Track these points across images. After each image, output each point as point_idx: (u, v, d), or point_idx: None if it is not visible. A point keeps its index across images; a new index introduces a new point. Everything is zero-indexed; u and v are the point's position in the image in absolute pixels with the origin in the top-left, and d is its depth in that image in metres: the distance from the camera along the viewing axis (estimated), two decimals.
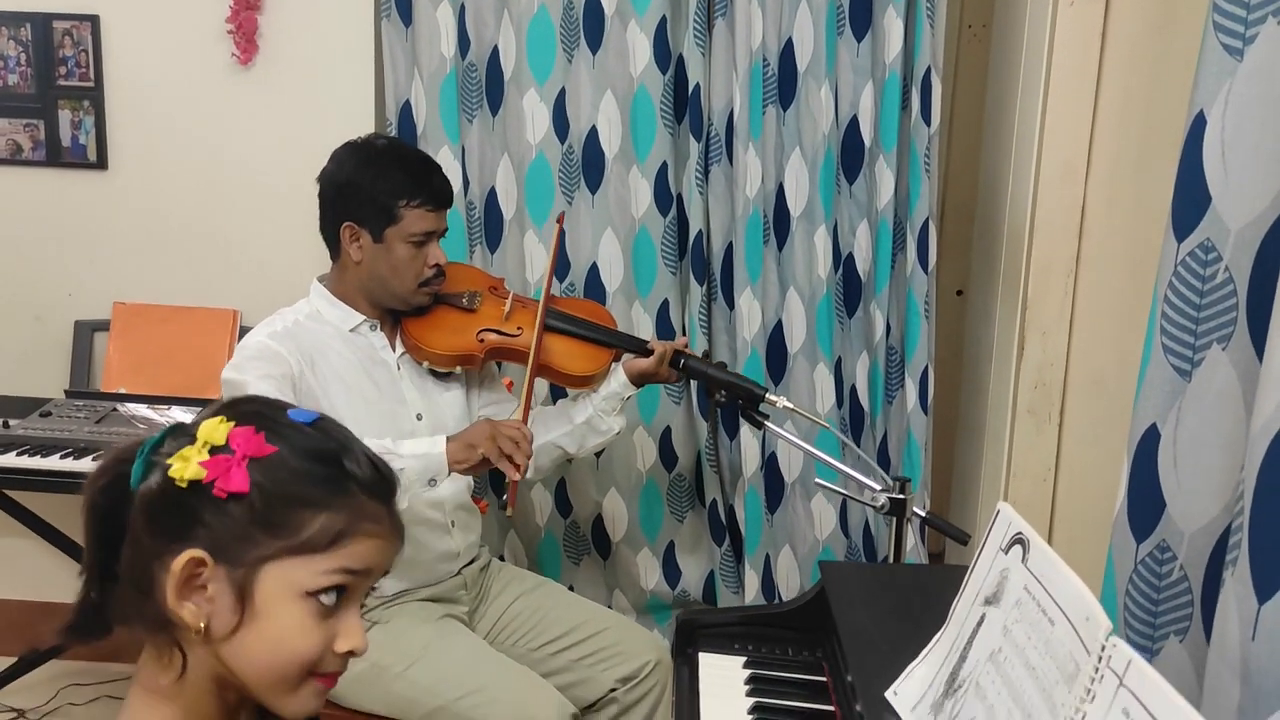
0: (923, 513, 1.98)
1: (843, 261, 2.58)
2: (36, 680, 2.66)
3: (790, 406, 2.03)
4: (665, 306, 2.56)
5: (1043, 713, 0.96)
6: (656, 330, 2.55)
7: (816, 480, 2.07)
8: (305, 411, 0.96)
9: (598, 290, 2.54)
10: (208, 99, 2.61)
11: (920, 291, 2.53)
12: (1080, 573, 1.00)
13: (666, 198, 2.51)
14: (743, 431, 2.54)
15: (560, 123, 2.49)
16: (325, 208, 1.94)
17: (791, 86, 2.46)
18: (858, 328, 2.60)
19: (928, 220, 2.50)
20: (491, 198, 2.55)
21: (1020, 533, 1.12)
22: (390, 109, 2.54)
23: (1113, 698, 0.88)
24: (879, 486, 1.91)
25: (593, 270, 2.54)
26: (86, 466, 2.21)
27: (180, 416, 0.98)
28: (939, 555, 3.07)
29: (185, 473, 0.89)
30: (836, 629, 1.41)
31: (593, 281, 2.54)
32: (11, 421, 2.42)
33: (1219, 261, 1.24)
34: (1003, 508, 1.18)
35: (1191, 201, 1.25)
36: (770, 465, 2.59)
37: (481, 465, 1.81)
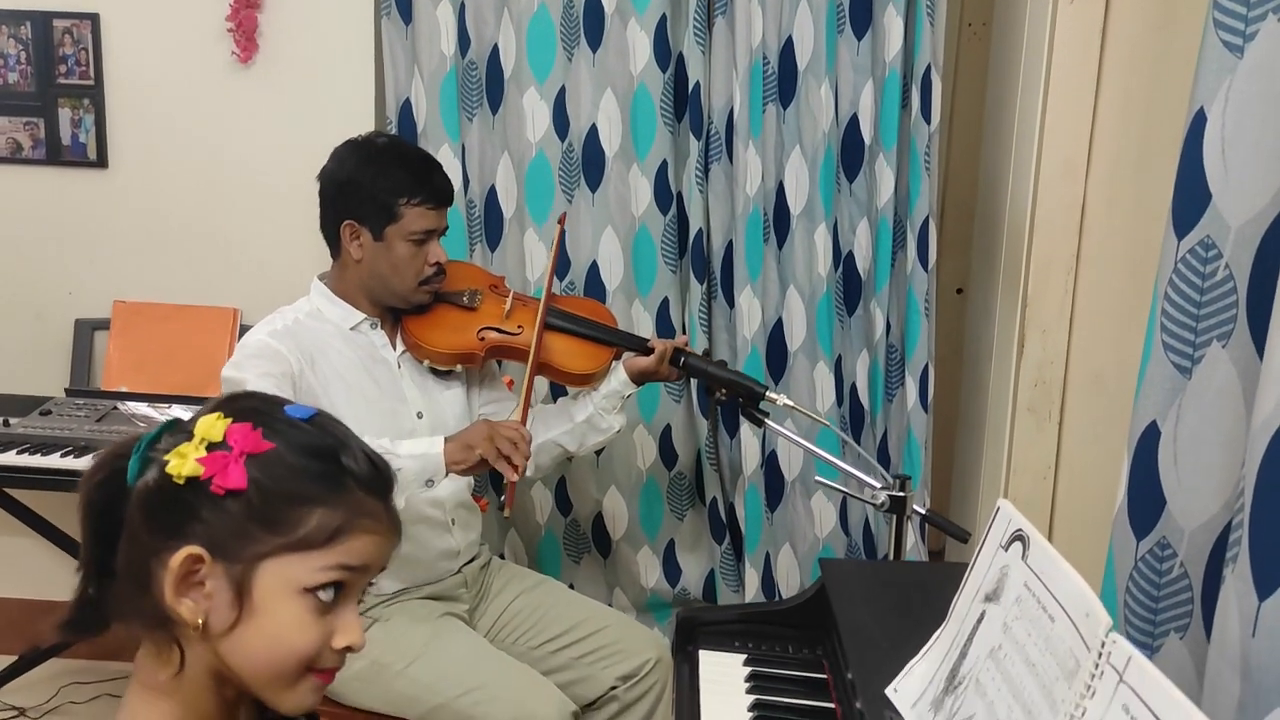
0: (923, 510, 1.97)
1: (843, 260, 2.58)
2: (37, 678, 2.66)
3: (790, 404, 2.03)
4: (665, 305, 2.56)
5: (1043, 709, 0.96)
6: (657, 329, 2.55)
7: (817, 478, 2.07)
8: (302, 408, 0.96)
9: (598, 288, 2.54)
10: (208, 97, 2.61)
11: (920, 289, 2.53)
12: (1081, 570, 1.00)
13: (666, 196, 2.51)
14: (743, 430, 2.54)
15: (560, 121, 2.49)
16: (326, 206, 1.95)
17: (791, 85, 2.46)
18: (858, 326, 2.60)
19: (928, 218, 2.50)
20: (491, 196, 2.55)
21: (1020, 529, 1.12)
22: (390, 107, 2.54)
23: (1113, 694, 0.88)
24: (879, 484, 1.91)
25: (593, 269, 2.54)
26: (87, 465, 2.20)
27: (181, 415, 0.98)
28: (939, 553, 3.07)
29: (183, 469, 0.89)
30: (837, 626, 1.41)
31: (593, 280, 2.54)
32: (12, 420, 2.42)
33: (1219, 259, 1.24)
34: (1002, 505, 1.18)
35: (1192, 199, 1.25)
36: (770, 463, 2.59)
37: (479, 466, 1.81)
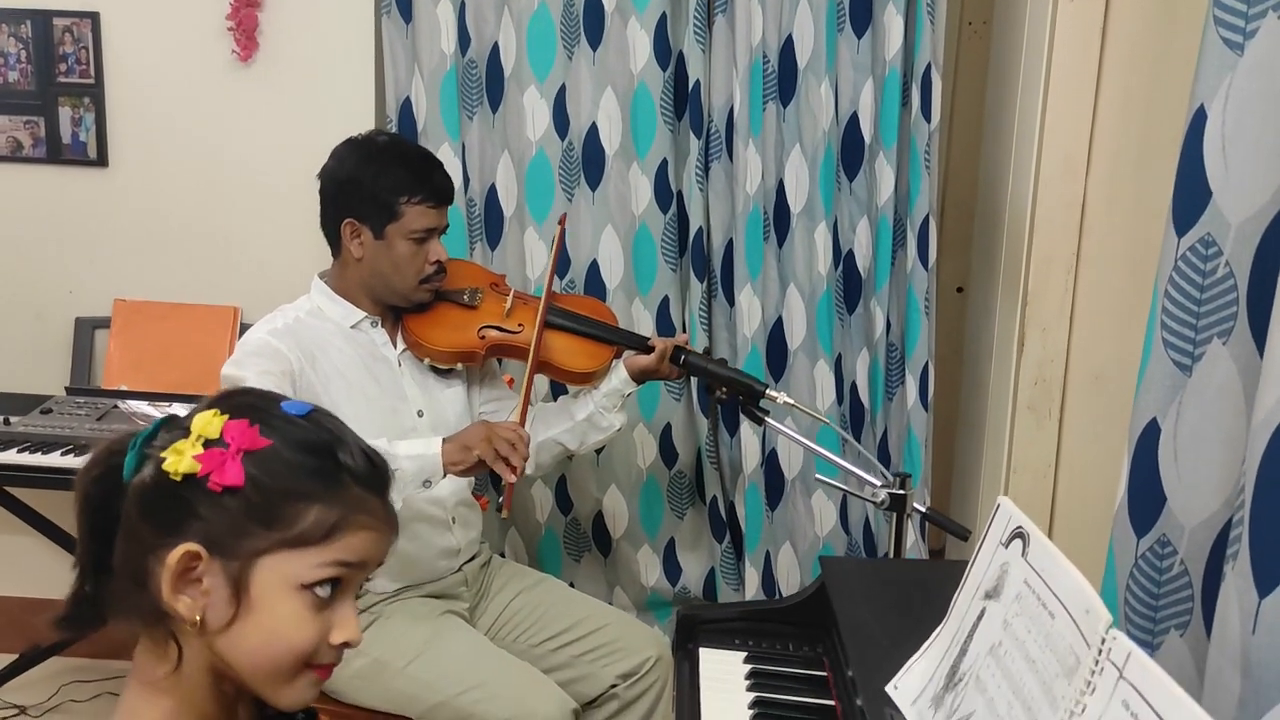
0: (923, 508, 1.97)
1: (843, 258, 2.58)
2: (38, 677, 2.66)
3: (791, 402, 2.03)
4: (665, 303, 2.56)
5: (1043, 705, 0.97)
6: (657, 327, 2.55)
7: (817, 476, 2.07)
8: (299, 404, 0.96)
9: (598, 287, 2.54)
10: (208, 96, 2.61)
11: (920, 288, 2.53)
12: (1081, 568, 1.00)
13: (667, 194, 2.51)
14: (743, 428, 2.55)
15: (560, 120, 2.49)
16: (326, 204, 1.94)
17: (792, 83, 2.46)
18: (858, 324, 2.60)
19: (928, 217, 2.50)
20: (492, 195, 2.55)
21: (1020, 527, 1.12)
22: (390, 106, 2.54)
23: (1113, 690, 0.88)
24: (879, 482, 1.91)
25: (593, 267, 2.54)
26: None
27: (181, 414, 0.98)
28: (939, 551, 3.07)
29: (179, 466, 0.89)
30: (837, 624, 1.41)
31: (593, 278, 2.54)
32: (12, 418, 2.42)
33: (1219, 256, 1.24)
34: (1003, 502, 1.18)
35: (1192, 196, 1.25)
36: (770, 462, 2.59)
37: (477, 467, 1.80)
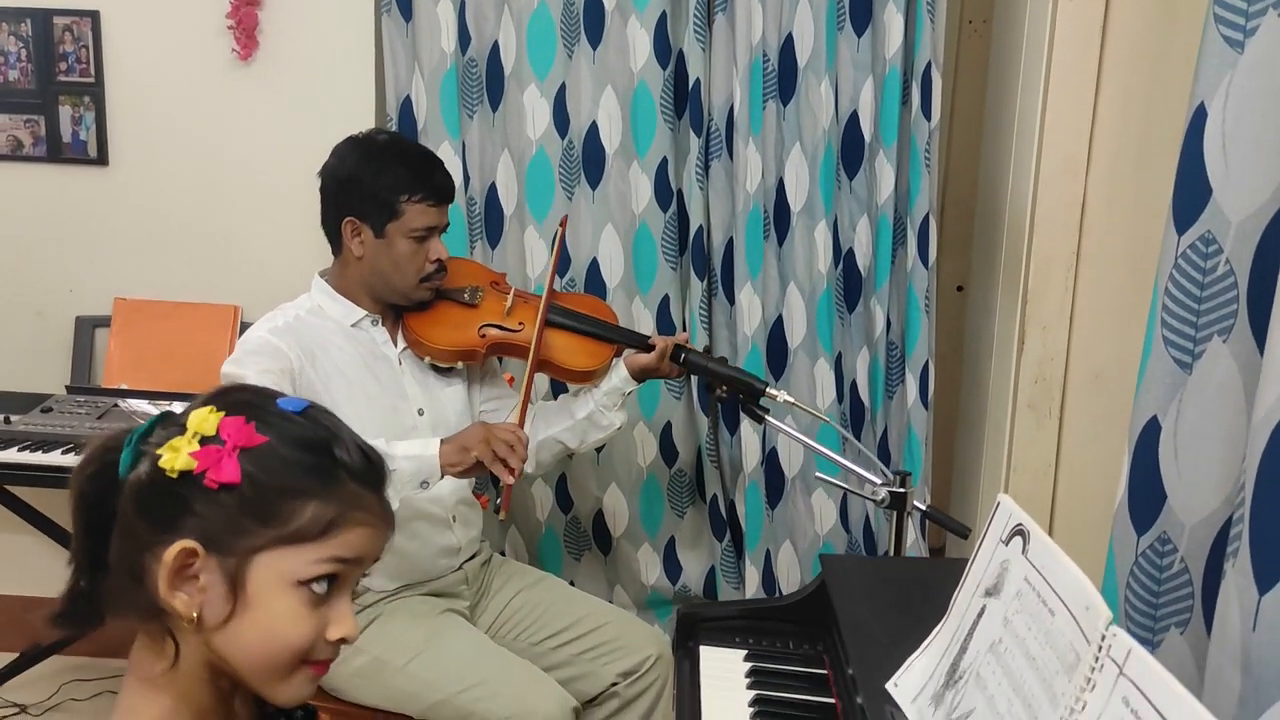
0: (923, 507, 1.96)
1: (843, 257, 2.58)
2: (39, 675, 2.66)
3: (791, 400, 2.03)
4: (666, 302, 2.56)
5: (1043, 702, 0.97)
6: (657, 325, 2.56)
7: (817, 474, 2.07)
8: (295, 400, 0.96)
9: (598, 286, 2.54)
10: (208, 95, 2.61)
11: (920, 287, 2.53)
12: (1081, 566, 1.00)
13: (667, 193, 2.51)
14: (743, 427, 2.55)
15: (560, 118, 2.49)
16: (327, 203, 1.94)
17: (792, 82, 2.46)
18: (858, 323, 2.60)
19: (928, 215, 2.51)
20: (492, 193, 2.55)
21: (1020, 524, 1.12)
22: (391, 105, 2.54)
23: (1113, 686, 0.88)
24: (879, 480, 1.91)
25: (593, 266, 2.54)
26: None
27: (177, 410, 0.98)
28: (939, 550, 3.07)
29: (175, 463, 0.89)
30: (837, 622, 1.41)
31: (593, 277, 2.54)
32: (13, 417, 2.42)
33: (1220, 254, 1.24)
34: (1003, 499, 1.18)
35: (1192, 194, 1.25)
36: (771, 460, 2.59)
37: (475, 469, 1.79)
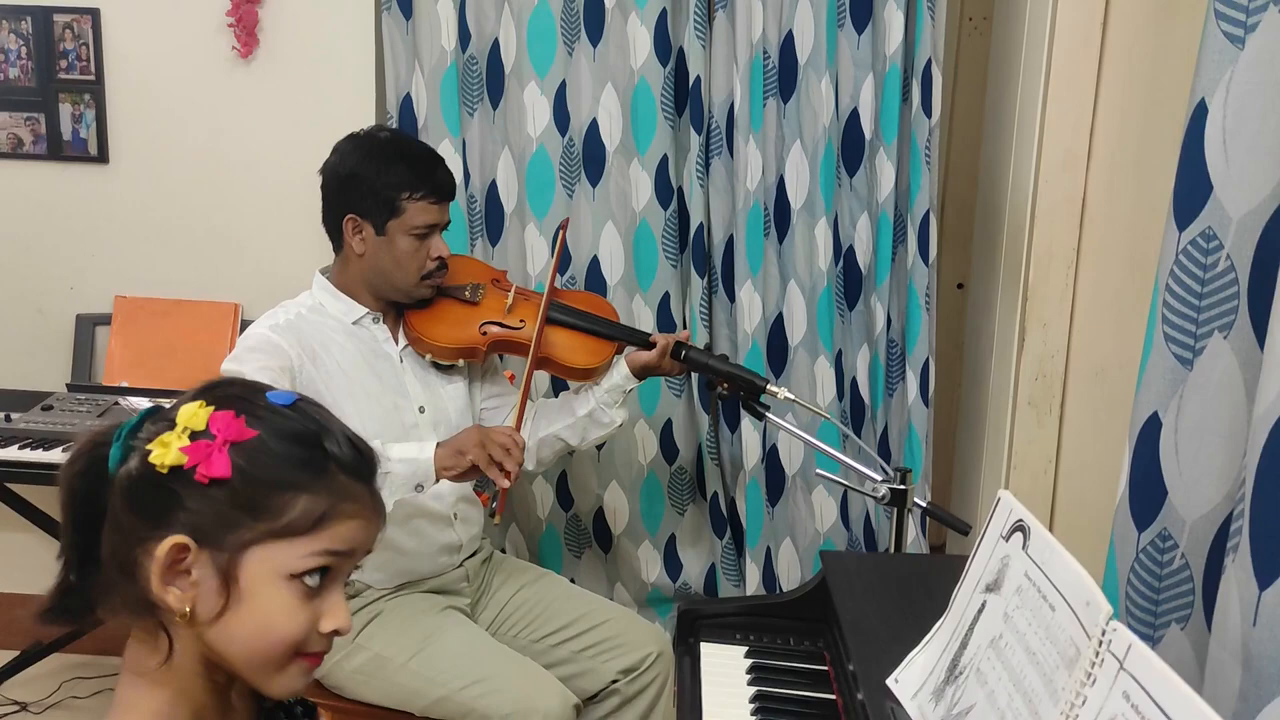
0: (924, 504, 1.96)
1: (843, 254, 2.58)
2: (39, 673, 2.66)
3: (791, 397, 2.03)
4: (666, 299, 2.56)
5: (1043, 697, 0.97)
6: (657, 323, 2.55)
7: (817, 471, 2.07)
8: (284, 393, 0.96)
9: (599, 283, 2.54)
10: (208, 92, 2.61)
11: (921, 284, 2.53)
12: (1082, 563, 1.00)
13: (667, 191, 2.51)
14: (744, 424, 2.55)
15: (561, 116, 2.49)
16: (328, 200, 1.94)
17: (792, 79, 2.46)
18: (858, 320, 2.60)
19: (928, 213, 2.50)
20: (492, 191, 2.55)
21: (1021, 520, 1.12)
22: (391, 102, 2.54)
23: (1113, 681, 0.88)
24: (880, 478, 1.91)
25: (594, 263, 2.54)
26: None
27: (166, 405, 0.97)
28: (940, 547, 3.07)
29: (166, 458, 0.89)
30: (838, 618, 1.41)
31: (594, 274, 2.54)
32: (13, 415, 2.42)
33: (1220, 250, 1.24)
34: (1003, 495, 1.18)
35: (1193, 190, 1.26)
36: (771, 458, 2.59)
37: (471, 472, 1.78)
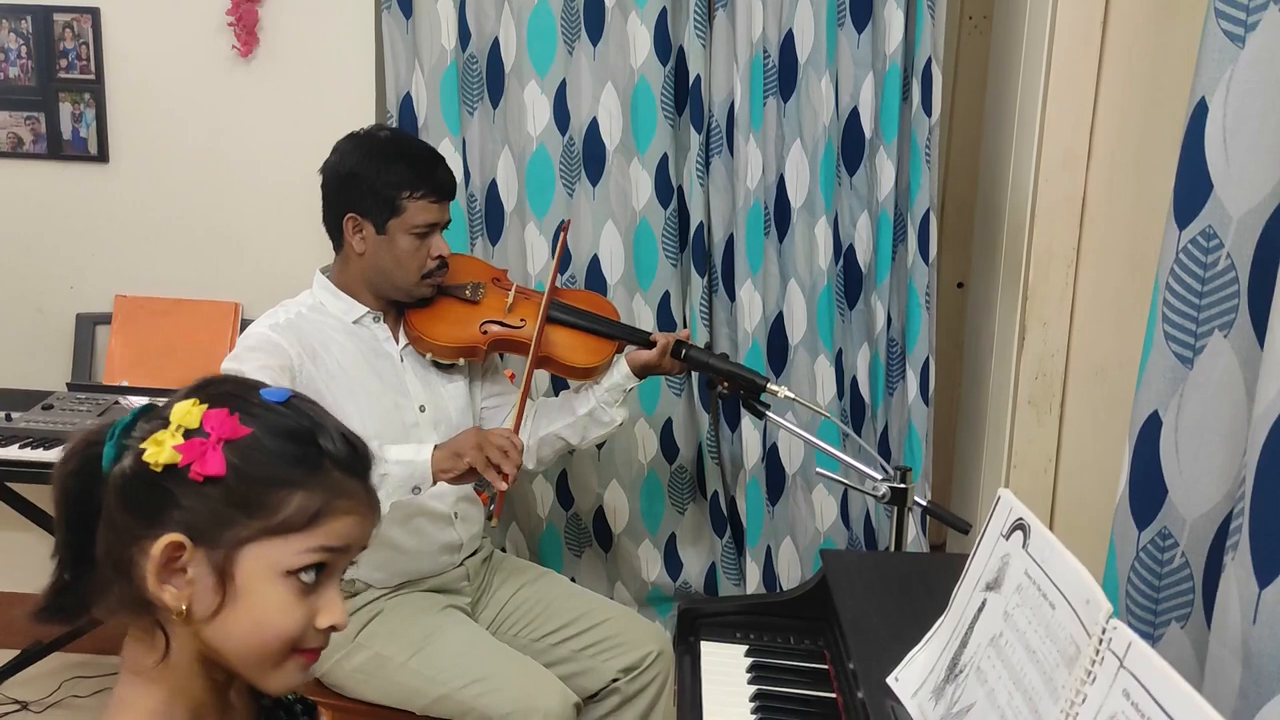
0: (924, 503, 1.97)
1: (843, 253, 2.58)
2: (40, 673, 2.66)
3: (792, 396, 2.03)
4: (666, 298, 2.56)
5: (1043, 695, 0.97)
6: (657, 322, 2.56)
7: (817, 470, 2.07)
8: (278, 390, 0.96)
9: (599, 282, 2.54)
10: (208, 91, 2.61)
11: (921, 283, 2.53)
12: (1082, 561, 1.00)
13: (667, 189, 2.51)
14: (744, 423, 2.55)
15: (561, 115, 2.49)
16: (328, 199, 1.94)
17: (792, 78, 2.46)
18: (858, 319, 2.60)
19: (928, 211, 2.50)
20: (492, 190, 2.55)
21: (1021, 518, 1.12)
22: (391, 101, 2.54)
23: (1113, 679, 0.88)
24: (880, 476, 1.91)
25: (594, 262, 2.54)
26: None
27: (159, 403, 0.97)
28: (940, 546, 3.07)
29: (160, 457, 0.89)
30: (838, 617, 1.41)
31: (594, 274, 2.55)
32: (14, 414, 2.42)
33: (1220, 249, 1.24)
34: (1003, 494, 1.18)
35: (1193, 189, 1.26)
36: (771, 457, 2.59)
37: (468, 475, 1.78)
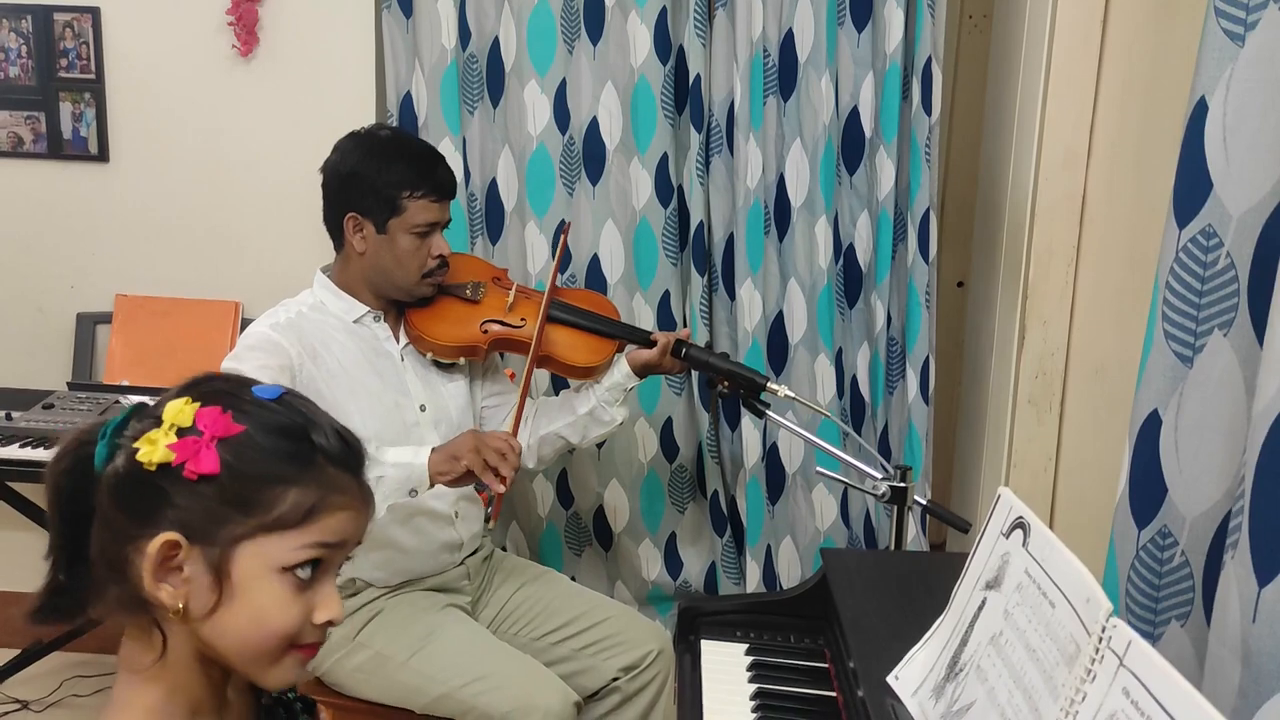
0: (924, 501, 1.96)
1: (843, 252, 2.58)
2: (40, 672, 2.66)
3: (792, 395, 2.03)
4: (666, 298, 2.56)
5: (1043, 694, 0.97)
6: (658, 321, 2.56)
7: (817, 469, 2.07)
8: (270, 387, 0.96)
9: (599, 282, 2.54)
10: (209, 91, 2.61)
11: (921, 282, 2.53)
12: (1082, 560, 1.00)
13: (667, 189, 2.51)
14: (744, 422, 2.55)
15: (561, 114, 2.49)
16: (329, 198, 1.94)
17: (792, 77, 2.46)
18: (858, 318, 2.60)
19: (928, 210, 2.51)
20: (492, 189, 2.55)
21: (1021, 517, 1.13)
22: (391, 101, 2.54)
23: (1113, 677, 0.89)
24: (880, 475, 1.91)
25: (594, 262, 2.54)
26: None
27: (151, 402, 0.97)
28: (940, 545, 3.08)
29: (153, 456, 0.89)
30: (838, 615, 1.41)
31: (594, 273, 2.55)
32: (14, 413, 2.42)
33: (1220, 248, 1.25)
34: (1003, 492, 1.18)
35: (1193, 188, 1.26)
36: (771, 456, 2.59)
37: (465, 478, 1.77)
